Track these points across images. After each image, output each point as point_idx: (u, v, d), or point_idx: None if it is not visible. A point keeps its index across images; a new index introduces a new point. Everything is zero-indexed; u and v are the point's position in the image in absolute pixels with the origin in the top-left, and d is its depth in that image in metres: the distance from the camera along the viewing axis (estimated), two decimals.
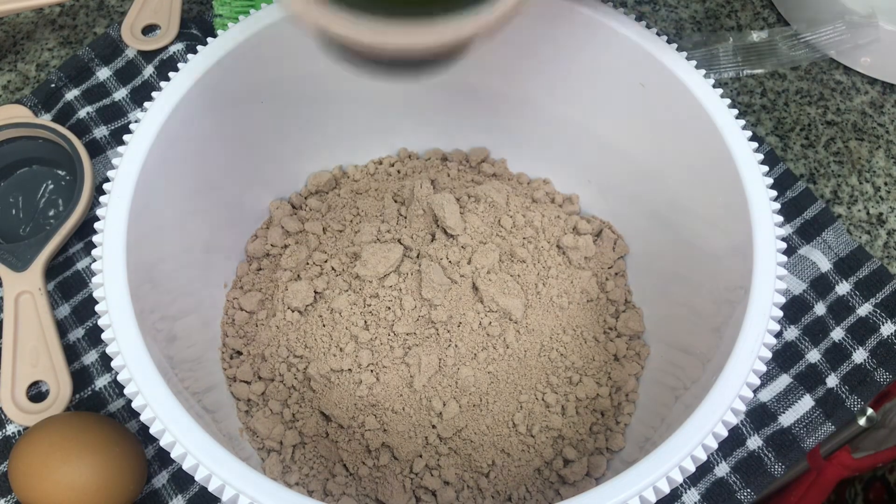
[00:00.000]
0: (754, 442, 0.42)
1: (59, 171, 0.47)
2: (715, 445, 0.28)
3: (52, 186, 0.47)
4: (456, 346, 0.39)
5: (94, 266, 0.31)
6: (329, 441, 0.39)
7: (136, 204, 0.32)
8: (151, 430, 0.28)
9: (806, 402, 0.42)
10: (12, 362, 0.41)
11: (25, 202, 0.46)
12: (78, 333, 0.43)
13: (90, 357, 0.43)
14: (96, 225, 0.32)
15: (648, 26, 0.37)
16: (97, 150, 0.48)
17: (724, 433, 0.28)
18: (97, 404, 0.42)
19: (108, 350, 0.29)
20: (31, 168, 0.47)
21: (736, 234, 0.33)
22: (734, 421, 0.28)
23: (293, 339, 0.40)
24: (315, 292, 0.41)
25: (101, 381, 0.42)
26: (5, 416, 0.41)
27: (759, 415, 0.42)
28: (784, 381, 0.43)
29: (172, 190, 0.36)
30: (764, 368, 0.29)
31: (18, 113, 0.47)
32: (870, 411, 0.43)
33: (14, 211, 0.46)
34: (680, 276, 0.40)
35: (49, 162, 0.47)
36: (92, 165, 0.45)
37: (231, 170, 0.41)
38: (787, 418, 0.42)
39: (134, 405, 0.28)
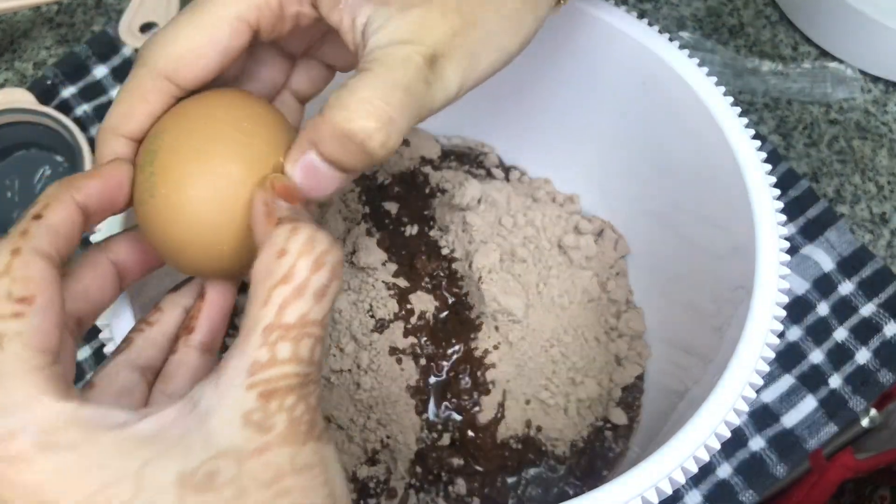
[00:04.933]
0: (757, 443, 0.41)
1: (58, 157, 0.47)
2: (717, 446, 0.27)
3: (49, 172, 0.47)
4: None
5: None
6: None
7: None
8: None
9: (809, 403, 0.42)
10: None
11: (22, 185, 0.46)
12: None
13: (82, 353, 0.43)
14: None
15: (650, 24, 0.37)
16: (93, 148, 0.48)
17: (727, 434, 0.28)
18: None
19: (106, 350, 0.29)
20: (29, 151, 0.47)
21: (738, 234, 0.33)
22: (737, 421, 0.28)
23: None
24: None
25: None
26: None
27: (762, 415, 0.42)
28: (787, 381, 0.43)
29: None
30: (766, 369, 0.29)
31: (22, 98, 0.47)
32: (873, 412, 0.43)
33: (10, 194, 0.46)
34: (682, 276, 0.40)
35: (48, 147, 0.47)
36: (94, 157, 0.45)
37: None
38: (789, 419, 0.42)
39: None
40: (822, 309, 0.45)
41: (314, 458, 0.20)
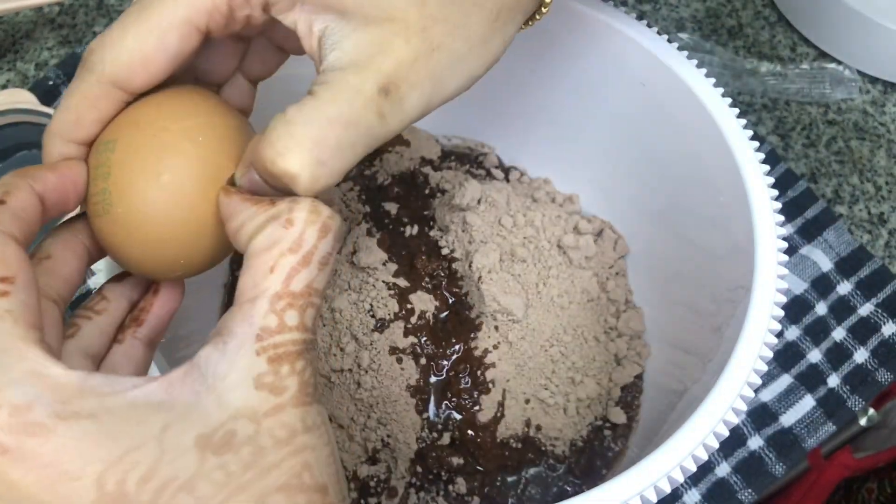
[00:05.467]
0: (755, 442, 0.41)
1: None
2: (716, 445, 0.28)
3: None
4: None
5: (92, 266, 0.31)
6: None
7: None
8: None
9: (807, 402, 0.42)
10: None
11: None
12: None
13: None
14: None
15: (649, 25, 0.37)
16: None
17: (726, 433, 0.28)
18: None
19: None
20: (31, 152, 0.47)
21: (737, 234, 0.33)
22: (735, 420, 0.28)
23: None
24: None
25: None
26: None
27: (760, 415, 0.42)
28: (785, 380, 0.43)
29: None
30: (765, 368, 0.29)
31: (24, 98, 0.47)
32: (871, 411, 0.43)
33: None
34: (681, 276, 0.40)
35: None
36: None
37: None
38: (788, 418, 0.42)
39: None
40: (821, 309, 0.45)
41: (318, 418, 0.21)
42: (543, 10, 0.28)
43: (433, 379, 0.40)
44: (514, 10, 0.26)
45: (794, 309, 0.45)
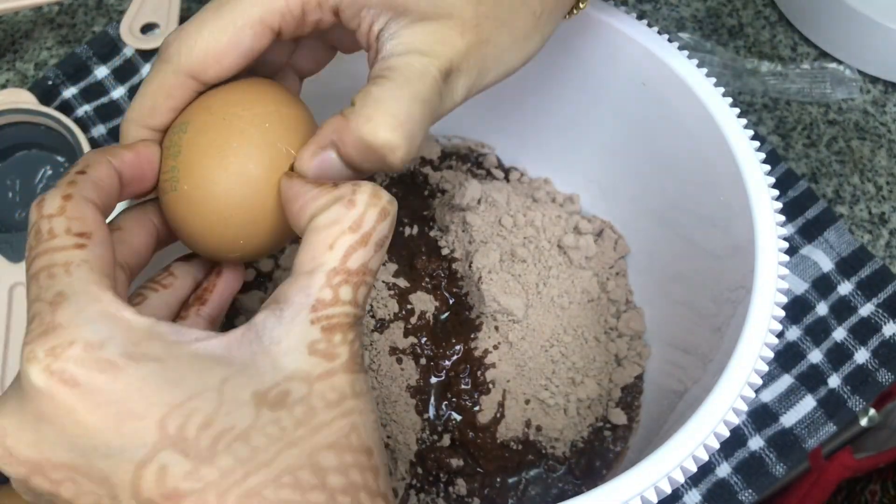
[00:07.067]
0: (756, 442, 0.41)
1: (59, 158, 0.47)
2: (717, 445, 0.27)
3: (50, 172, 0.47)
4: None
5: None
6: None
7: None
8: None
9: (808, 403, 0.42)
10: (3, 355, 0.41)
11: (23, 186, 0.46)
12: None
13: None
14: None
15: (650, 25, 0.37)
16: (95, 148, 0.48)
17: (726, 433, 0.28)
18: None
19: None
20: (30, 151, 0.47)
21: (737, 234, 0.33)
22: (736, 421, 0.28)
23: None
24: None
25: None
26: None
27: (761, 415, 0.42)
28: (786, 381, 0.43)
29: None
30: (766, 368, 0.29)
31: (23, 98, 0.47)
32: (872, 412, 0.43)
33: (10, 194, 0.46)
34: (681, 276, 0.40)
35: (49, 148, 0.47)
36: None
37: None
38: (788, 419, 0.42)
39: None
40: (821, 309, 0.45)
41: (365, 386, 0.22)
42: (582, 5, 0.30)
43: (433, 379, 0.39)
44: (556, 9, 0.28)
45: (795, 309, 0.45)
